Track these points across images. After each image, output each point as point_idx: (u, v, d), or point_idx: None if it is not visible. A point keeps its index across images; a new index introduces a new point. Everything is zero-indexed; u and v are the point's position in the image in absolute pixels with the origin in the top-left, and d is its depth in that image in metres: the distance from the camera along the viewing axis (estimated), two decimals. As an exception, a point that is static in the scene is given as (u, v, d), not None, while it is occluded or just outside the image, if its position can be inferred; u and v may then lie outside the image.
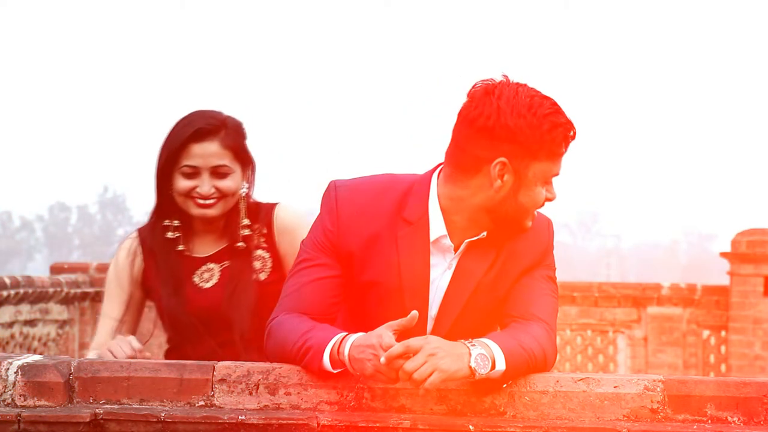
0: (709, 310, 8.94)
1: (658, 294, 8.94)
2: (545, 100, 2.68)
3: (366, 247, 2.78)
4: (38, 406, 2.61)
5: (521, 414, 2.57)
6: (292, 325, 2.70)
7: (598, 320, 9.04)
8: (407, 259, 2.77)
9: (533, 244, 2.84)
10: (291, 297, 2.80)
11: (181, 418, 2.55)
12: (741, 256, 8.75)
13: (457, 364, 2.45)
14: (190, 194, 3.28)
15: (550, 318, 2.76)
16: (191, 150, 3.27)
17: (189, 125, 3.28)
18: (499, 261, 2.79)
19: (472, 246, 2.78)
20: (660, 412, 2.55)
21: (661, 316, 8.94)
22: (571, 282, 9.25)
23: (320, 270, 2.79)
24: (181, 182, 3.29)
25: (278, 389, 2.62)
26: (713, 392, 2.56)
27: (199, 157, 3.27)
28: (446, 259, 2.79)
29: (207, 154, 3.27)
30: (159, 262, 3.38)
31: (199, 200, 3.29)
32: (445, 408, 2.60)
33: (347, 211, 2.80)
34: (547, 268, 2.86)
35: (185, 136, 3.26)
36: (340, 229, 2.79)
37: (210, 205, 3.31)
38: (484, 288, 2.79)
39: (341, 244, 2.79)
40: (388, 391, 2.60)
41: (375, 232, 2.78)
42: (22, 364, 2.65)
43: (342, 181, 2.87)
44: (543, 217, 2.90)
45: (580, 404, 2.57)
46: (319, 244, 2.81)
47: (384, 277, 2.78)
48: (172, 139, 3.28)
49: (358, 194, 2.82)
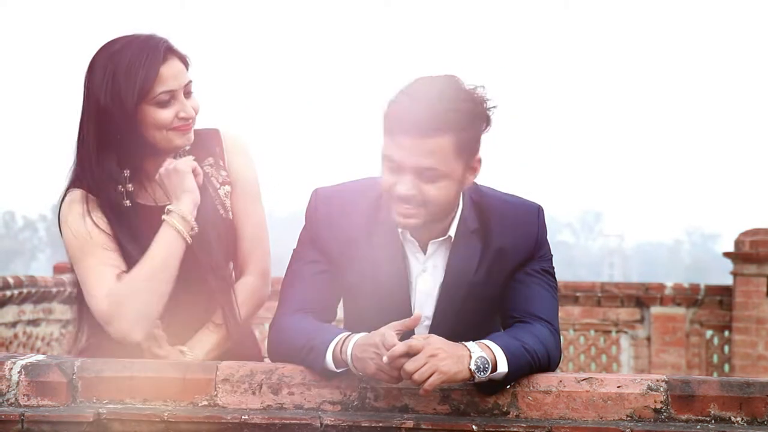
0: (713, 310, 8.93)
1: (662, 294, 8.93)
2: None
3: (345, 249, 2.81)
4: (41, 405, 2.61)
5: (524, 414, 2.57)
6: (295, 325, 2.71)
7: (601, 320, 9.04)
8: (384, 262, 2.80)
9: (522, 235, 2.81)
10: (291, 294, 2.82)
11: (184, 417, 2.55)
12: (744, 256, 8.74)
13: (458, 366, 2.45)
14: (172, 123, 2.86)
15: (552, 317, 2.76)
16: (162, 74, 2.82)
17: (150, 49, 2.81)
18: (487, 257, 2.79)
19: (458, 244, 2.80)
20: (663, 412, 2.55)
21: (664, 316, 8.93)
22: (574, 282, 9.24)
23: (316, 266, 2.83)
24: (160, 113, 2.83)
25: (281, 389, 2.62)
26: (716, 392, 2.55)
27: (172, 78, 2.83)
28: (419, 261, 2.82)
29: (178, 73, 2.86)
30: (121, 221, 2.89)
31: (182, 126, 2.88)
32: (448, 408, 2.59)
33: (324, 217, 2.85)
34: (543, 260, 2.84)
35: (156, 60, 2.81)
36: (318, 235, 2.84)
37: (190, 128, 2.91)
38: (478, 286, 2.79)
39: (324, 248, 2.83)
40: (391, 390, 2.60)
41: (352, 234, 2.81)
42: (26, 363, 2.65)
43: (323, 188, 2.91)
44: (531, 205, 2.87)
45: (583, 404, 2.56)
46: (309, 246, 2.86)
47: (364, 278, 2.81)
48: (131, 70, 2.79)
49: (335, 198, 2.86)
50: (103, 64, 2.81)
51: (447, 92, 2.62)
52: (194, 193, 2.85)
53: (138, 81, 2.78)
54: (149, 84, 2.79)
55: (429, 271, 2.83)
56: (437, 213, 2.70)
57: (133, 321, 2.76)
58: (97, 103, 2.81)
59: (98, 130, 2.83)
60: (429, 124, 2.59)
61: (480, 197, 2.84)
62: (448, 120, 2.59)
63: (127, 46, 2.81)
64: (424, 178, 2.63)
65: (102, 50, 2.85)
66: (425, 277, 2.83)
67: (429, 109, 2.59)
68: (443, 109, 2.59)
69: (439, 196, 2.66)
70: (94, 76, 2.82)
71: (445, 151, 2.61)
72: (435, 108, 2.59)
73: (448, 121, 2.59)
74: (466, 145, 2.64)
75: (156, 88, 2.80)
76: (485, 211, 2.82)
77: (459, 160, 2.65)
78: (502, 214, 2.82)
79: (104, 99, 2.79)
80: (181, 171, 2.85)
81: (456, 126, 2.61)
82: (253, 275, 3.06)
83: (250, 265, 3.06)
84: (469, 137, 2.64)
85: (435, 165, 2.62)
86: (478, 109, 2.65)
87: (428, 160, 2.61)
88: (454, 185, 2.68)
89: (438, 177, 2.63)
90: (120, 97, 2.78)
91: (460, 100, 2.62)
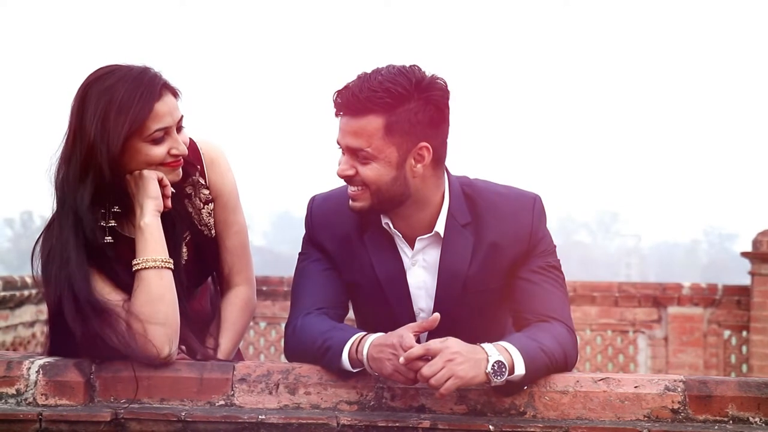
0: (730, 310, 8.89)
1: (679, 294, 8.90)
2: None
3: (339, 248, 2.85)
4: (59, 405, 2.62)
5: (541, 414, 2.57)
6: (310, 326, 2.72)
7: (619, 320, 9.01)
8: (378, 258, 2.82)
9: (515, 227, 2.80)
10: (303, 295, 2.84)
11: (201, 417, 2.55)
12: (762, 256, 8.70)
13: (474, 370, 2.45)
14: (164, 160, 2.80)
15: (566, 315, 2.75)
16: (158, 111, 2.75)
17: (145, 86, 2.75)
18: (480, 251, 2.79)
19: (449, 239, 2.80)
20: (681, 413, 2.54)
21: (682, 316, 8.90)
22: (592, 282, 9.22)
23: (321, 263, 2.87)
24: (153, 150, 2.77)
25: (298, 389, 2.62)
26: (734, 393, 2.55)
27: (168, 115, 2.77)
28: (408, 255, 2.84)
29: (172, 109, 2.80)
30: (103, 252, 2.78)
31: (172, 163, 2.83)
32: (465, 408, 2.59)
33: (320, 219, 2.89)
34: (545, 255, 2.83)
35: (152, 98, 2.75)
36: (317, 237, 2.88)
37: (180, 164, 2.86)
38: (473, 280, 2.79)
39: (324, 249, 2.87)
40: (408, 390, 2.60)
41: (345, 233, 2.85)
42: (44, 363, 2.66)
43: (318, 194, 2.97)
44: (525, 195, 2.86)
45: (600, 404, 2.56)
46: (312, 248, 2.91)
47: (362, 277, 2.84)
48: (122, 108, 2.71)
49: (330, 200, 2.92)
50: (96, 98, 2.74)
51: (380, 75, 2.65)
52: (158, 200, 2.80)
53: (129, 119, 2.71)
54: (141, 122, 2.72)
55: (419, 264, 2.83)
56: (383, 197, 2.72)
57: (161, 346, 2.68)
58: (86, 138, 2.73)
59: (85, 165, 2.74)
60: (357, 104, 2.64)
61: (473, 190, 2.84)
62: (373, 100, 2.62)
63: (122, 82, 2.74)
64: (359, 159, 2.69)
65: (95, 82, 2.77)
66: (415, 270, 2.84)
67: (359, 91, 2.63)
68: (370, 89, 2.62)
69: (373, 178, 2.68)
70: (85, 110, 2.75)
71: (372, 132, 2.65)
72: (363, 88, 2.63)
73: (374, 100, 2.62)
74: (397, 127, 2.65)
75: (151, 126, 2.74)
76: (478, 204, 2.82)
77: (389, 143, 2.66)
78: (495, 206, 2.82)
79: (94, 135, 2.71)
80: (146, 177, 2.79)
81: (383, 106, 2.63)
82: (243, 285, 3.07)
83: (238, 276, 3.06)
84: (400, 119, 2.65)
85: (362, 145, 2.66)
86: (411, 91, 2.64)
87: (357, 140, 2.66)
88: (390, 169, 2.69)
89: (368, 158, 2.67)
90: (109, 135, 2.71)
91: (388, 82, 2.63)
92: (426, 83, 2.66)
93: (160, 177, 2.82)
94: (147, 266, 2.74)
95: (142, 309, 2.70)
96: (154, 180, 2.79)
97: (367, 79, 2.65)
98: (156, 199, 2.79)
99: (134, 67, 2.79)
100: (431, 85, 2.66)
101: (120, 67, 2.79)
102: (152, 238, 2.76)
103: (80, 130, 2.75)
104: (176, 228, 2.90)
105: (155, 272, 2.73)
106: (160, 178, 2.82)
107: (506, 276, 2.80)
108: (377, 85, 2.63)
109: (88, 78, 2.79)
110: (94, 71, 2.81)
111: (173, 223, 2.88)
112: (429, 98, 2.66)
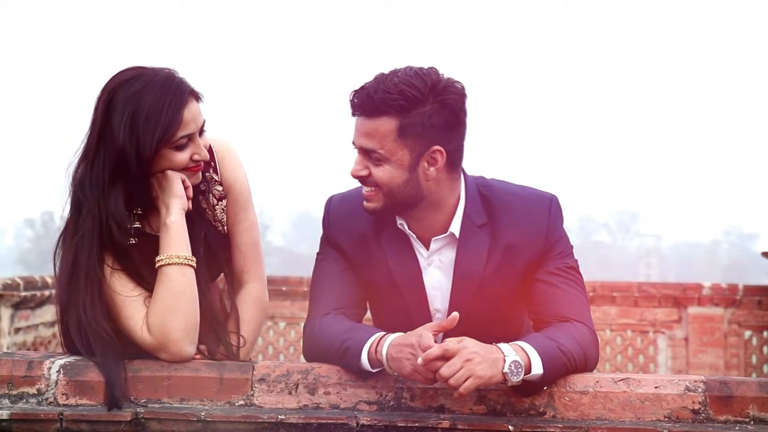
0: (751, 310, 8.86)
1: (699, 294, 8.87)
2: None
3: (356, 248, 2.86)
4: (80, 404, 2.63)
5: (561, 414, 2.56)
6: (329, 326, 2.72)
7: (639, 320, 8.99)
8: (394, 258, 2.83)
9: (531, 228, 2.79)
10: (321, 295, 2.85)
11: (221, 417, 2.56)
12: (783, 256, 8.67)
13: (492, 370, 2.45)
14: (187, 165, 2.83)
15: (586, 316, 2.74)
16: (184, 118, 2.77)
17: (173, 94, 2.76)
18: (497, 252, 2.79)
19: (465, 240, 2.80)
20: (701, 413, 2.53)
21: (702, 316, 8.87)
22: (611, 282, 9.20)
23: (339, 263, 2.88)
24: (177, 156, 2.80)
25: (317, 389, 2.62)
26: (755, 393, 2.53)
27: (192, 122, 2.80)
28: (423, 256, 2.84)
29: (196, 115, 2.81)
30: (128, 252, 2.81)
31: (194, 168, 2.86)
32: (484, 408, 2.59)
33: (337, 219, 2.91)
34: (562, 256, 2.82)
35: (180, 107, 2.76)
36: (334, 237, 2.89)
37: (201, 168, 2.90)
38: (489, 281, 2.79)
39: (341, 249, 2.88)
40: (427, 390, 2.60)
41: (362, 234, 2.85)
42: (65, 363, 2.67)
43: (335, 194, 2.98)
44: (542, 196, 2.85)
45: (620, 405, 2.55)
46: (329, 248, 2.91)
47: (378, 276, 2.84)
48: (151, 116, 2.72)
49: (346, 201, 2.93)
50: (122, 104, 2.74)
51: (396, 77, 2.65)
52: (183, 199, 2.83)
53: (160, 128, 2.73)
54: (172, 131, 2.75)
55: (434, 265, 2.84)
56: (396, 199, 2.73)
57: (180, 339, 2.71)
58: (114, 143, 2.74)
59: (113, 170, 2.75)
60: (371, 105, 2.64)
61: (489, 191, 2.84)
62: (387, 101, 2.63)
63: (148, 88, 2.74)
64: (372, 160, 2.70)
65: (120, 86, 2.77)
66: (431, 271, 2.85)
67: (374, 92, 2.64)
68: (384, 90, 2.63)
69: (385, 179, 2.69)
70: (112, 114, 2.75)
71: (384, 134, 2.66)
72: (378, 90, 2.63)
73: (388, 102, 2.63)
74: (410, 129, 2.65)
75: (177, 133, 2.77)
76: (494, 205, 2.81)
77: (402, 146, 2.67)
78: (511, 207, 2.81)
79: (122, 141, 2.72)
80: (170, 177, 2.82)
81: (397, 108, 2.63)
82: (255, 281, 3.07)
83: (250, 272, 3.06)
84: (413, 122, 2.65)
85: (375, 147, 2.67)
86: (425, 94, 2.64)
87: (370, 141, 2.67)
88: (402, 172, 2.69)
89: (381, 159, 2.68)
90: (139, 142, 2.72)
91: (403, 84, 2.63)
92: (441, 86, 2.65)
93: (183, 177, 2.85)
94: (171, 262, 2.77)
95: (163, 303, 2.73)
96: (178, 180, 2.83)
97: (383, 80, 2.65)
98: (181, 198, 2.83)
99: (159, 72, 2.80)
100: (447, 88, 2.66)
101: (145, 71, 2.79)
102: (177, 235, 2.80)
103: (107, 134, 2.76)
104: (195, 227, 2.92)
105: (178, 269, 2.76)
106: (183, 178, 2.85)
107: (523, 277, 2.80)
108: (392, 87, 2.63)
109: (112, 81, 2.80)
110: (118, 74, 2.81)
111: (192, 223, 2.90)
112: (444, 102, 2.66)
